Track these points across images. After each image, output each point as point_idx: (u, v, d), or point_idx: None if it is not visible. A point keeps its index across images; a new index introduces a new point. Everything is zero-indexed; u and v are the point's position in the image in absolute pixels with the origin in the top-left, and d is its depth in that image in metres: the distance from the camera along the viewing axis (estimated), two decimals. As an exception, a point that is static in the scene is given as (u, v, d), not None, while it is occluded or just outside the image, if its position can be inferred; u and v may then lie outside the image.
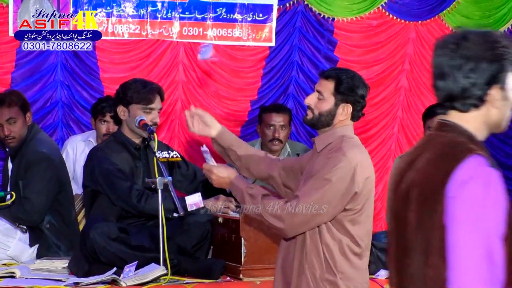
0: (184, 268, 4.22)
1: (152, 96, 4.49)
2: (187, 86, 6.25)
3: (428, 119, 5.06)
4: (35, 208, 4.75)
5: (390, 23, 6.63)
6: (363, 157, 3.22)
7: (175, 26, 6.10)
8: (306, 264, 3.18)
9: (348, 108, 3.26)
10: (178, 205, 4.12)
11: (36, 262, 4.63)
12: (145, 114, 4.45)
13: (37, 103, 5.84)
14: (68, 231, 4.96)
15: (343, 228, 3.17)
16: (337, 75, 3.29)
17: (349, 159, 3.13)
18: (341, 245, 3.17)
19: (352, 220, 3.17)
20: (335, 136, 3.25)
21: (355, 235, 3.19)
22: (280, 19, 6.36)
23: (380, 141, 6.72)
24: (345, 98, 3.26)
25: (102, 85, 6.02)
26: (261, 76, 6.42)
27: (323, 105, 3.27)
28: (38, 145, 4.86)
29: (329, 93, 3.27)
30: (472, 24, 6.70)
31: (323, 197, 3.09)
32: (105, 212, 4.44)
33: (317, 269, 3.16)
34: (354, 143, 3.25)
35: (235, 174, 3.31)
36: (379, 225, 6.39)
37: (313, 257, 3.17)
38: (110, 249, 4.16)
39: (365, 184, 3.17)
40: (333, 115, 3.27)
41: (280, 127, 5.53)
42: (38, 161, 4.79)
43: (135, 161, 4.51)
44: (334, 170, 3.11)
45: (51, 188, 4.83)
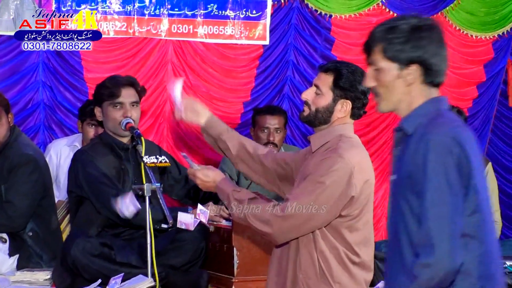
0: (172, 281, 4.16)
1: (116, 90, 4.39)
2: (176, 86, 6.20)
3: None
4: (18, 213, 4.70)
5: (390, 20, 6.60)
6: (362, 159, 3.12)
7: (163, 23, 6.07)
8: (300, 274, 3.10)
9: (347, 105, 3.16)
10: (167, 214, 4.05)
11: (16, 274, 4.58)
12: (115, 110, 4.37)
13: (18, 104, 5.78)
14: (51, 239, 4.91)
15: (339, 235, 3.08)
16: (337, 69, 3.19)
17: (345, 161, 3.04)
18: (338, 253, 3.07)
19: (349, 227, 3.08)
20: (332, 135, 3.15)
21: (352, 243, 3.09)
22: (274, 15, 6.33)
23: (381, 144, 6.70)
24: (344, 94, 3.17)
25: (87, 85, 5.97)
26: (255, 76, 6.39)
27: (321, 101, 3.17)
28: (23, 148, 4.82)
29: (327, 87, 3.17)
30: (476, 21, 6.69)
31: (316, 201, 3.00)
32: (90, 219, 4.39)
33: (311, 279, 3.08)
34: (353, 143, 3.13)
35: (221, 177, 3.24)
36: (379, 233, 6.35)
37: (308, 266, 3.08)
38: (93, 266, 4.11)
39: (363, 187, 3.08)
40: (331, 111, 3.17)
41: (274, 130, 5.51)
42: (23, 163, 4.74)
43: (122, 163, 4.43)
44: (329, 172, 3.02)
45: (36, 191, 4.78)
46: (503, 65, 6.85)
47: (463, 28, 6.71)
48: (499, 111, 6.96)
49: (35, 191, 4.78)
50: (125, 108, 4.36)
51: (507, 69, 6.87)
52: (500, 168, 6.89)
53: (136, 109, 4.43)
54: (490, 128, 6.95)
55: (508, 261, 4.51)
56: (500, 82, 6.89)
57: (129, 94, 4.40)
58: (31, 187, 4.75)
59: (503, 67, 6.85)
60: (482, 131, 6.90)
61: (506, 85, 6.90)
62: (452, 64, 6.74)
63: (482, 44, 6.80)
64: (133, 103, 4.40)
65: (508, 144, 6.96)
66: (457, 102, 6.37)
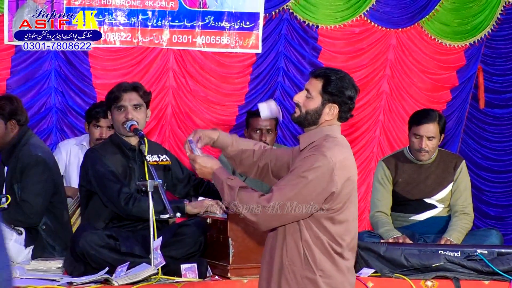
0: (173, 269, 4.18)
1: (118, 94, 4.38)
2: (177, 91, 6.23)
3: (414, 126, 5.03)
4: (34, 210, 4.71)
5: (371, 30, 6.63)
6: (345, 157, 3.11)
7: (165, 34, 6.09)
8: (287, 261, 3.10)
9: (334, 109, 3.16)
10: (167, 206, 4.08)
11: (31, 263, 4.59)
12: (119, 113, 4.39)
13: (32, 109, 5.81)
14: (63, 232, 4.93)
15: (322, 226, 3.08)
16: (326, 75, 3.18)
17: (327, 159, 3.03)
18: (321, 242, 3.07)
19: (331, 219, 3.07)
20: (319, 135, 3.16)
21: (335, 234, 3.09)
22: (266, 26, 6.36)
23: (363, 144, 6.72)
24: (332, 98, 3.15)
25: (95, 91, 5.99)
26: (248, 81, 6.41)
27: (310, 104, 3.18)
28: (33, 149, 4.82)
29: (317, 92, 3.17)
30: (450, 31, 6.72)
31: (298, 194, 3.01)
32: (98, 213, 4.42)
33: (296, 266, 3.09)
34: (337, 142, 3.13)
35: (218, 165, 3.26)
36: (362, 225, 6.39)
37: (293, 254, 3.09)
38: (100, 256, 4.12)
39: (344, 184, 3.07)
40: (319, 114, 3.16)
41: (266, 131, 5.54)
42: (34, 164, 4.75)
43: (129, 162, 4.46)
44: (311, 168, 3.01)
45: (48, 190, 4.79)
46: (474, 71, 6.87)
47: (437, 37, 6.73)
48: (471, 113, 6.98)
49: (47, 189, 4.79)
50: (127, 111, 4.37)
51: (478, 74, 6.89)
52: (472, 165, 6.91)
53: (139, 112, 4.42)
54: (463, 128, 6.97)
55: (479, 249, 4.54)
56: (471, 86, 6.90)
57: (130, 98, 4.39)
58: (43, 186, 4.76)
59: (474, 72, 6.87)
60: (456, 131, 6.92)
61: (476, 89, 6.92)
62: (428, 70, 6.78)
63: (455, 52, 6.81)
64: (135, 106, 4.41)
65: (479, 143, 6.98)
66: (432, 105, 6.39)
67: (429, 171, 5.11)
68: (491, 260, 4.43)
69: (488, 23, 6.77)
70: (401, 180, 5.12)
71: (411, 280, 4.31)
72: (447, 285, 4.35)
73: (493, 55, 6.89)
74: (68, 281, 3.99)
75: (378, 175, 5.17)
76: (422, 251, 4.49)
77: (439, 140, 5.06)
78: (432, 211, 5.14)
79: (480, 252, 4.50)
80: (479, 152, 6.94)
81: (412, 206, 5.13)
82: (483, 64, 6.88)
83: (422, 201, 5.12)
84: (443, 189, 5.12)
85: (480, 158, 6.93)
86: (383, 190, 5.12)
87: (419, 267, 4.39)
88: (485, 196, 6.92)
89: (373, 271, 4.37)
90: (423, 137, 4.97)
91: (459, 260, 4.43)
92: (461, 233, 4.93)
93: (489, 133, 6.94)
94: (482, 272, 4.40)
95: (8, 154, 4.90)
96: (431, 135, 4.98)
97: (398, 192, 5.12)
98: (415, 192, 5.11)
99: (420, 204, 5.12)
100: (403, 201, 5.12)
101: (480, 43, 6.82)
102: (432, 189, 5.10)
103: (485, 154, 6.93)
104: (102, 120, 5.29)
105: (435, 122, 4.99)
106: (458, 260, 4.42)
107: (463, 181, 5.16)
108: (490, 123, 6.94)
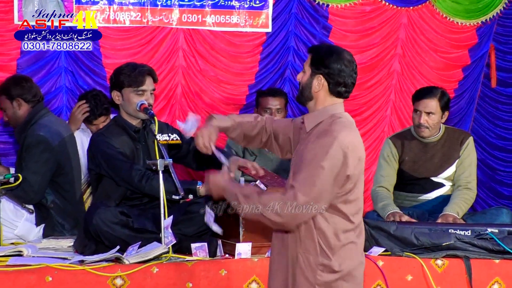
0: (185, 247, 4.23)
1: (142, 78, 4.47)
2: (186, 71, 6.24)
3: (415, 102, 5.09)
4: (32, 188, 4.77)
5: (382, 9, 6.61)
6: (354, 137, 3.10)
7: (174, 13, 6.09)
8: (301, 250, 3.10)
9: (321, 80, 3.14)
10: (178, 186, 4.12)
11: (43, 241, 4.66)
12: (137, 96, 4.44)
13: (42, 88, 5.80)
14: (73, 210, 4.99)
15: (336, 209, 3.07)
16: (315, 48, 3.20)
17: (339, 142, 3.01)
18: (334, 225, 3.09)
19: (345, 200, 3.09)
20: (324, 115, 3.14)
21: (348, 213, 3.10)
22: (276, 5, 6.34)
23: (374, 124, 6.72)
24: (318, 71, 3.13)
25: (105, 70, 6.01)
26: (259, 61, 6.41)
27: (303, 77, 3.19)
28: (37, 129, 4.89)
29: (307, 65, 3.16)
30: (461, 9, 6.69)
31: (321, 186, 3.00)
32: (108, 194, 4.46)
33: (312, 254, 3.08)
34: (344, 123, 3.11)
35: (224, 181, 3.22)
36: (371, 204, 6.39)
37: (308, 243, 3.08)
38: (113, 233, 4.17)
39: (356, 165, 3.08)
40: (310, 87, 3.14)
41: (276, 110, 5.56)
42: (35, 144, 4.83)
43: (135, 143, 4.51)
44: (327, 157, 2.99)
45: (47, 170, 4.85)
46: (486, 50, 6.83)
47: (449, 15, 6.70)
48: (483, 91, 6.95)
49: (46, 169, 4.84)
50: (147, 95, 4.47)
51: (490, 53, 6.86)
52: (484, 143, 6.90)
53: (152, 97, 4.54)
54: (475, 107, 6.95)
55: (490, 228, 4.55)
56: (483, 65, 6.87)
57: (150, 82, 4.51)
58: (41, 166, 4.81)
59: (486, 51, 6.84)
60: (468, 110, 6.90)
61: (488, 68, 6.89)
62: (439, 49, 6.76)
63: (467, 30, 6.77)
64: (151, 91, 4.52)
65: (492, 122, 6.95)
66: (444, 84, 6.38)
67: (435, 149, 5.12)
68: (501, 239, 4.45)
69: (501, 1, 6.72)
70: (407, 159, 5.15)
71: (421, 259, 4.33)
72: (457, 264, 4.37)
73: (506, 33, 6.85)
74: (79, 259, 4.04)
75: (384, 152, 5.21)
76: (432, 230, 4.51)
77: (441, 117, 5.08)
78: (441, 189, 5.15)
79: (491, 231, 4.52)
80: (492, 131, 6.91)
81: (420, 186, 5.16)
82: (495, 42, 6.84)
83: (430, 180, 5.14)
84: (450, 167, 5.13)
85: (493, 138, 6.91)
86: (387, 167, 5.15)
87: (429, 246, 4.40)
88: (498, 176, 6.91)
89: (383, 249, 4.39)
90: (422, 112, 5.02)
91: (469, 239, 4.45)
92: (460, 207, 4.92)
93: (502, 112, 6.92)
94: (493, 251, 4.42)
95: (19, 133, 4.96)
96: (430, 110, 5.01)
97: (405, 170, 5.14)
98: (422, 170, 5.13)
99: (428, 183, 5.14)
100: (411, 180, 5.14)
101: (492, 21, 6.78)
102: (438, 167, 5.12)
103: (498, 133, 6.91)
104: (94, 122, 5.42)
105: (435, 98, 5.02)
106: (469, 239, 4.44)
107: (468, 156, 5.15)
108: (503, 102, 6.91)
